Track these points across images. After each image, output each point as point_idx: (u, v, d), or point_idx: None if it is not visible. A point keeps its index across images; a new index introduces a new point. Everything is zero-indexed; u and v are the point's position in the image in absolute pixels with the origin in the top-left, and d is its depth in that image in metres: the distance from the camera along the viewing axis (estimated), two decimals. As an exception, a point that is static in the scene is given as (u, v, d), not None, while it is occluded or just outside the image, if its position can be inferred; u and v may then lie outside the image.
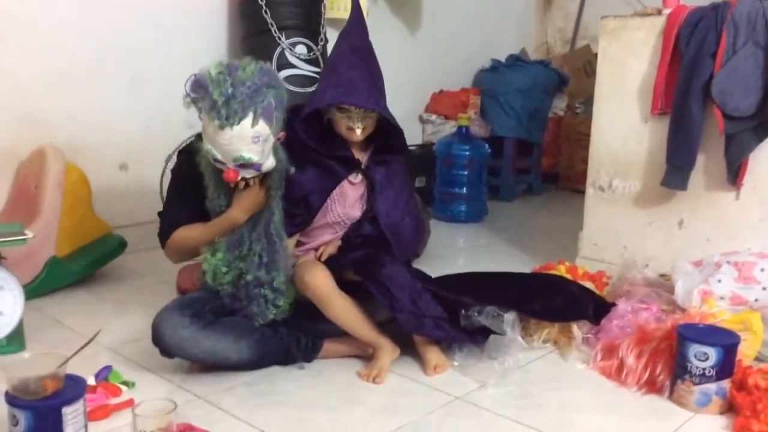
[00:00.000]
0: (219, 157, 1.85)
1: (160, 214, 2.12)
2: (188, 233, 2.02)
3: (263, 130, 1.84)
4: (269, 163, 1.92)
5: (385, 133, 2.17)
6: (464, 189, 4.04)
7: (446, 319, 2.07)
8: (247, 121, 1.80)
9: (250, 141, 1.82)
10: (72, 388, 1.48)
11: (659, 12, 2.60)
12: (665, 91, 2.54)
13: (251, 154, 1.84)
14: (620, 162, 2.73)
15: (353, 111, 2.06)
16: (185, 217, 2.03)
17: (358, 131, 2.08)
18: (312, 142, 2.12)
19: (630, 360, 2.01)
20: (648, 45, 2.61)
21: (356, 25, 2.15)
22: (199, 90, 1.83)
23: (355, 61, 2.09)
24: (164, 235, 2.05)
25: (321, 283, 2.02)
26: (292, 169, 2.06)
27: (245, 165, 1.86)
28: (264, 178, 1.97)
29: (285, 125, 1.97)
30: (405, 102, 4.41)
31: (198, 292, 2.09)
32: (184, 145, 2.17)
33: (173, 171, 2.13)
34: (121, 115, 3.13)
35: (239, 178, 1.88)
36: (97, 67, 3.03)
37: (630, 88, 2.67)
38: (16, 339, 2.11)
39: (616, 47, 2.70)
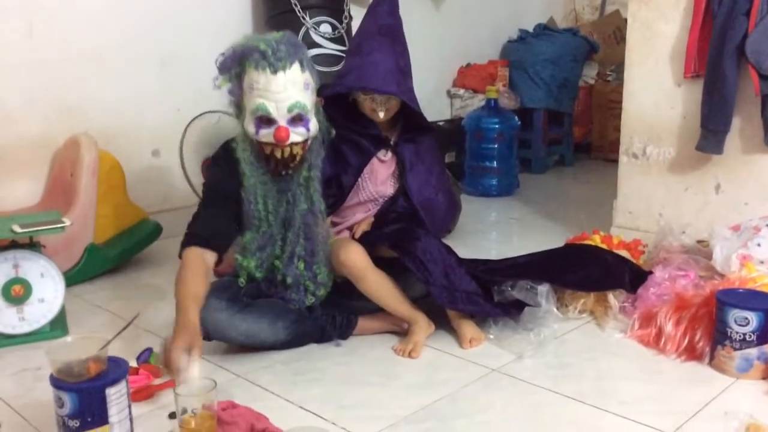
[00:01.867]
0: (272, 111, 1.84)
1: (190, 219, 2.01)
2: (180, 280, 1.87)
3: (310, 79, 1.89)
4: (314, 123, 1.92)
5: (413, 112, 2.16)
6: (495, 163, 4.01)
7: (479, 294, 2.07)
8: (297, 66, 1.85)
9: (302, 87, 1.86)
10: (115, 370, 1.50)
11: (690, -28, 2.54)
12: (698, 53, 2.48)
13: (305, 100, 1.87)
14: (653, 128, 2.68)
15: (375, 94, 2.06)
16: (220, 228, 1.96)
17: (381, 114, 2.08)
18: (341, 121, 2.12)
19: (668, 327, 1.98)
20: (679, 7, 2.54)
21: (388, 11, 2.14)
22: (236, 58, 1.85)
23: (379, 41, 2.08)
24: (183, 246, 1.94)
25: (357, 259, 2.02)
26: (333, 132, 2.08)
27: (297, 119, 1.86)
28: (302, 161, 1.95)
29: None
30: (432, 77, 4.38)
31: (233, 275, 2.12)
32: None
33: (208, 177, 2.06)
34: (152, 100, 3.17)
35: (289, 140, 1.86)
36: (125, 53, 3.06)
37: (661, 51, 2.61)
38: (59, 325, 2.16)
39: (647, 11, 2.64)
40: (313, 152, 1.98)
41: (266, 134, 1.88)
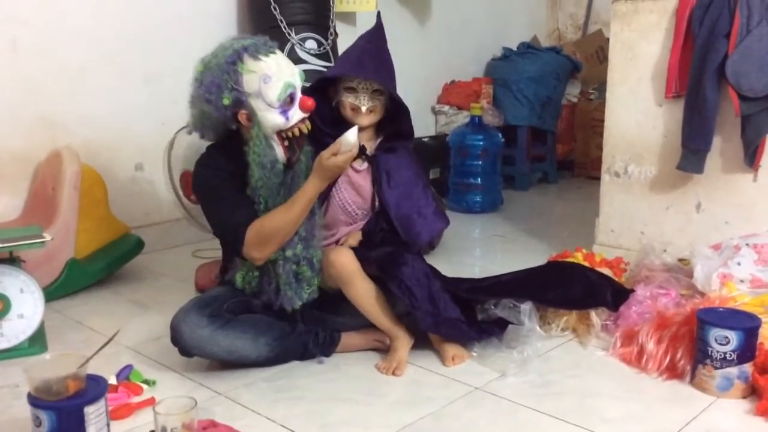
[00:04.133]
0: (296, 83, 1.91)
1: (217, 229, 2.01)
2: (271, 223, 1.90)
3: None
4: None
5: (394, 121, 2.17)
6: (479, 179, 4.03)
7: (463, 320, 2.07)
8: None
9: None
10: (93, 388, 1.49)
11: (671, -6, 2.57)
12: (679, 73, 2.51)
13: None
14: (635, 147, 2.71)
15: (360, 90, 2.08)
16: (251, 208, 1.95)
17: (363, 108, 2.08)
18: (317, 123, 2.11)
19: (650, 346, 1.99)
20: (660, 28, 2.58)
21: (375, 32, 2.20)
22: (225, 71, 1.86)
23: (368, 49, 2.14)
24: (239, 237, 1.90)
25: (347, 262, 2.02)
26: None
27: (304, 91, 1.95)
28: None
29: None
30: (417, 94, 4.40)
31: (215, 290, 2.11)
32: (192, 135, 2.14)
33: (204, 183, 1.99)
34: (136, 115, 3.15)
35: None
36: (110, 67, 3.05)
37: (643, 72, 2.65)
38: (38, 341, 2.14)
39: (629, 31, 2.67)
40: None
41: (294, 113, 1.91)
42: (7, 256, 2.09)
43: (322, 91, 2.17)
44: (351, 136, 1.87)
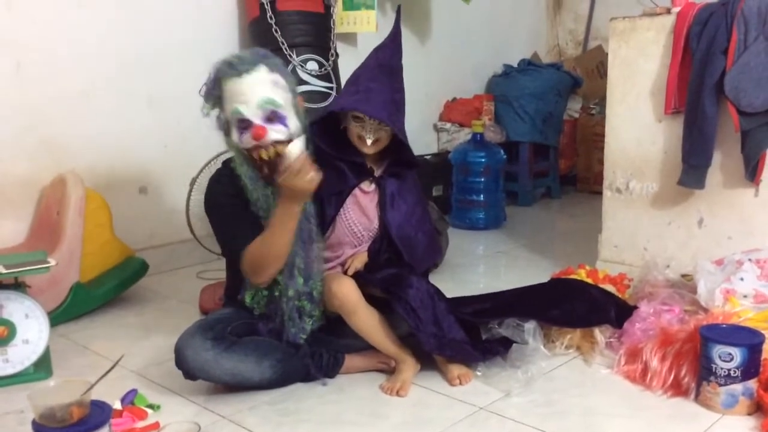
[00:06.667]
0: (245, 112, 1.87)
1: (223, 249, 2.08)
2: (255, 248, 1.94)
3: (280, 79, 1.93)
4: (294, 123, 1.93)
5: (400, 149, 2.18)
6: (481, 196, 4.03)
7: (468, 342, 2.07)
8: (263, 68, 1.89)
9: (271, 84, 1.90)
10: (97, 415, 1.49)
11: (668, 11, 2.59)
12: (678, 89, 2.52)
13: (275, 96, 1.90)
14: (636, 163, 2.71)
15: (367, 121, 2.08)
16: (249, 233, 1.96)
17: (369, 141, 2.09)
18: (325, 146, 2.12)
19: (654, 363, 1.99)
20: (659, 44, 2.59)
21: (389, 44, 2.19)
22: (214, 82, 1.91)
23: (377, 75, 2.12)
24: (239, 262, 1.96)
25: (349, 293, 2.03)
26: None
27: (272, 117, 1.88)
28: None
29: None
30: (418, 111, 4.42)
31: (219, 312, 2.11)
32: (213, 171, 2.16)
33: (213, 201, 2.05)
34: (139, 138, 3.17)
35: (267, 137, 1.87)
36: (113, 90, 3.07)
37: (642, 88, 2.66)
38: (43, 366, 2.14)
39: (627, 48, 2.69)
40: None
41: (247, 138, 1.90)
42: (12, 281, 2.11)
43: (329, 114, 2.18)
44: (290, 149, 1.87)
